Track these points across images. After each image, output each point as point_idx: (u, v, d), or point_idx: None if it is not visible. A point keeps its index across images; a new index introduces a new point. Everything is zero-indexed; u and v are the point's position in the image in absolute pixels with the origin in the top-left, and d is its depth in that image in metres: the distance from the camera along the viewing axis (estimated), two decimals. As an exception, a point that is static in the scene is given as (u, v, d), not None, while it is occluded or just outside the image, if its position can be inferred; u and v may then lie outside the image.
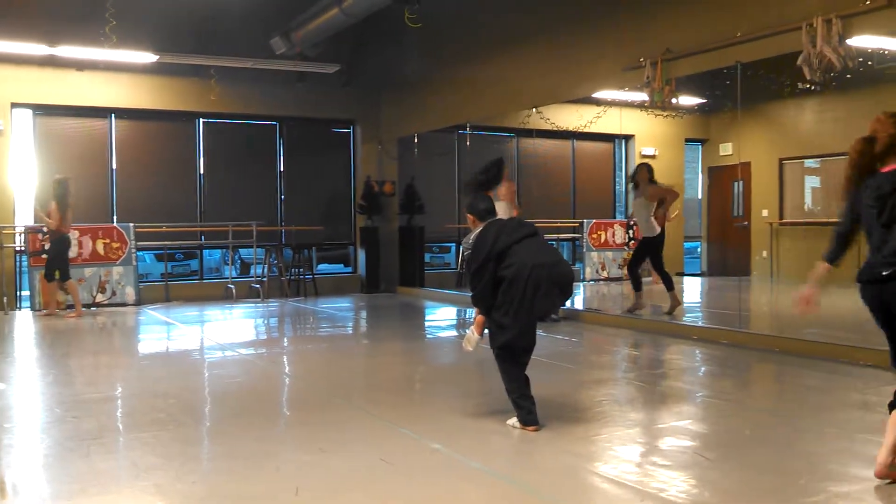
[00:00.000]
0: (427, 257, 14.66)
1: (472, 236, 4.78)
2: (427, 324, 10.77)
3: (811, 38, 7.11)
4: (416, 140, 13.64)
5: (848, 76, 9.22)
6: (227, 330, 9.78)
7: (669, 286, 9.37)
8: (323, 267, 14.60)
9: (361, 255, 13.93)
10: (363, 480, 3.76)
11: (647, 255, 9.67)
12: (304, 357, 7.74)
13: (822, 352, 6.84)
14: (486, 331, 4.77)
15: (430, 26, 11.72)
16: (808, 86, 10.45)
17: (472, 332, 4.88)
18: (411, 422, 4.84)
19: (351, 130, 14.31)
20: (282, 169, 13.75)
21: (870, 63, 8.69)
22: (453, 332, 9.66)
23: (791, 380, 6.37)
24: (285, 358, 7.74)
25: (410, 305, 12.20)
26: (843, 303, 10.77)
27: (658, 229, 9.51)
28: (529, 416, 4.52)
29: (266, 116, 13.61)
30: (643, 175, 9.54)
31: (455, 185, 14.53)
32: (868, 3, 6.75)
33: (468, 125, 12.82)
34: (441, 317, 11.19)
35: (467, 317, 10.52)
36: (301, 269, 13.26)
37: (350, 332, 9.98)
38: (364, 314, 11.52)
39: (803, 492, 3.56)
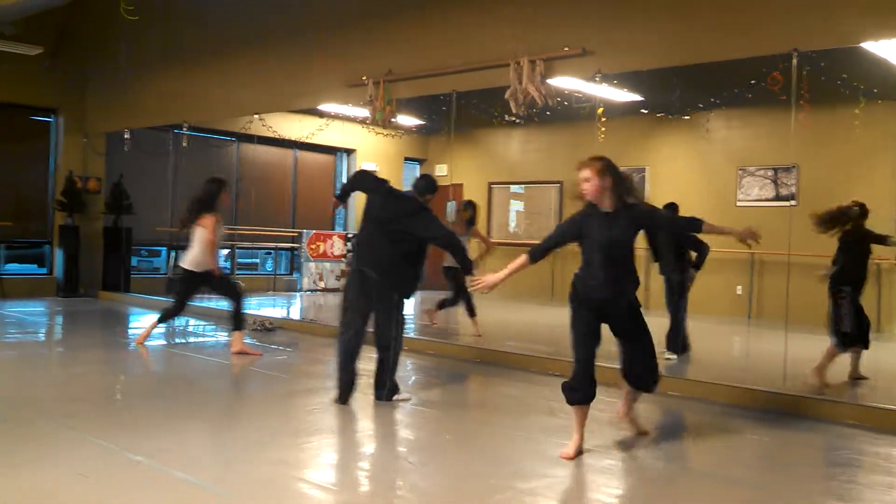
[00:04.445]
0: (134, 261, 13.83)
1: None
2: (131, 332, 10.13)
3: (518, 75, 7.78)
4: (127, 136, 12.81)
5: (548, 112, 10.20)
6: None
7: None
8: (12, 267, 13.20)
9: (59, 256, 12.79)
10: (56, 496, 3.47)
11: None
12: (-15, 366, 6.95)
13: (520, 362, 7.46)
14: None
15: (150, 17, 11.15)
16: (514, 118, 11.35)
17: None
18: (112, 434, 4.55)
19: (53, 120, 13.13)
20: (-33, 156, 12.27)
21: (566, 102, 9.63)
22: (161, 342, 9.20)
23: (491, 388, 6.86)
24: (-38, 367, 6.89)
25: (113, 311, 11.42)
26: (539, 318, 11.80)
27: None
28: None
29: (-50, 96, 12.08)
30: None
31: (169, 186, 13.88)
32: (566, 49, 7.53)
33: (186, 125, 12.30)
34: (146, 324, 10.56)
35: (177, 325, 10.03)
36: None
37: (42, 338, 9.12)
38: (60, 320, 10.58)
39: (493, 490, 3.87)
